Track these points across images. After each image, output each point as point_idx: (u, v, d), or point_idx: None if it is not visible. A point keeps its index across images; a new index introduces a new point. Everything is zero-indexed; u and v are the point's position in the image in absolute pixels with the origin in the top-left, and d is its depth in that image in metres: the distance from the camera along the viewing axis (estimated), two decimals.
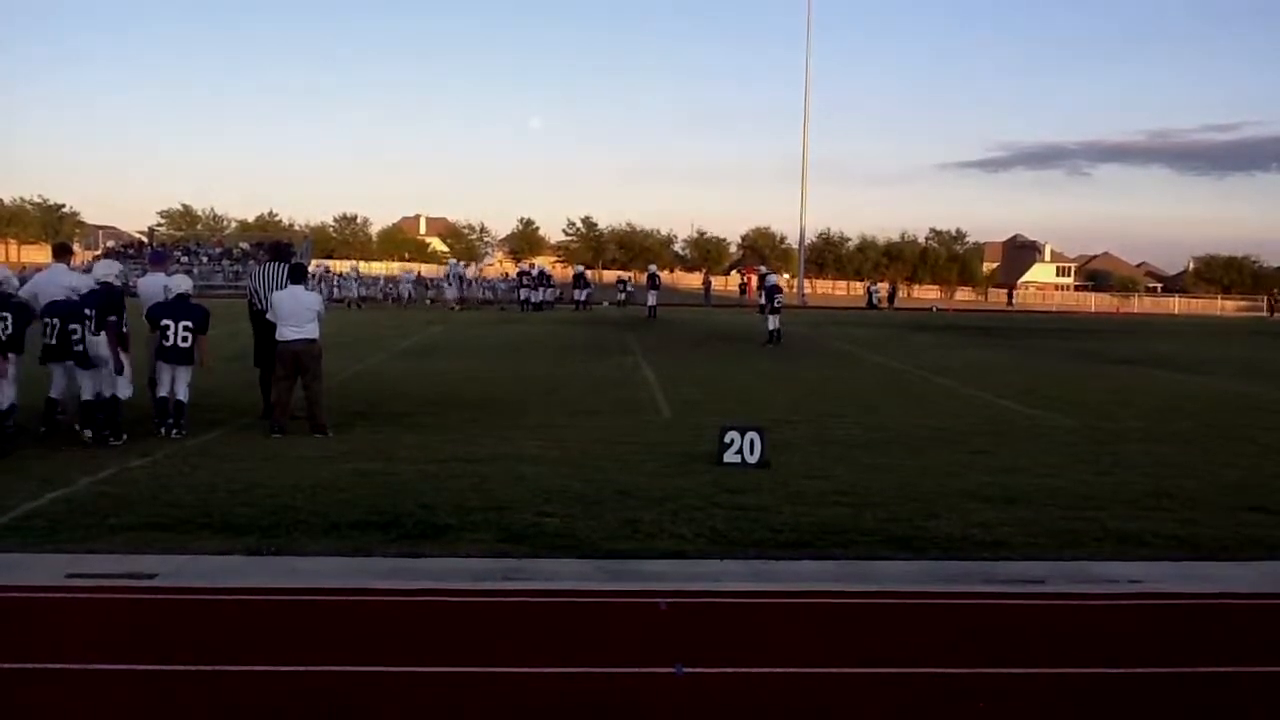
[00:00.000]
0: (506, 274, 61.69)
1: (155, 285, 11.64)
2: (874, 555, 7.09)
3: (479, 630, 5.59)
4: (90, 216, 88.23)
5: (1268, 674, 5.29)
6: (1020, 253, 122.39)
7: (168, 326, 10.85)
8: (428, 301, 48.12)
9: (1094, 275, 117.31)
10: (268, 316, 11.54)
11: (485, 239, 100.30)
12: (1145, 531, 7.81)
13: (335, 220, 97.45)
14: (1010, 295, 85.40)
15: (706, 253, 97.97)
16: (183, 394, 10.98)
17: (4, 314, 9.83)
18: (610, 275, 74.91)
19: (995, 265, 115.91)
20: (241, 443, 10.56)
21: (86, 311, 10.23)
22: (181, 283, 11.47)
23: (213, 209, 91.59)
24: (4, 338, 9.80)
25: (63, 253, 12.24)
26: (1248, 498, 9.04)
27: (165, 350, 10.86)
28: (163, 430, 10.67)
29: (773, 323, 27.48)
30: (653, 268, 48.58)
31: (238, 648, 5.21)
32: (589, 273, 55.39)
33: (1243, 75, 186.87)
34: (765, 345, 26.50)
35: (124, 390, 10.36)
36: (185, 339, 10.86)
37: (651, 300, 41.23)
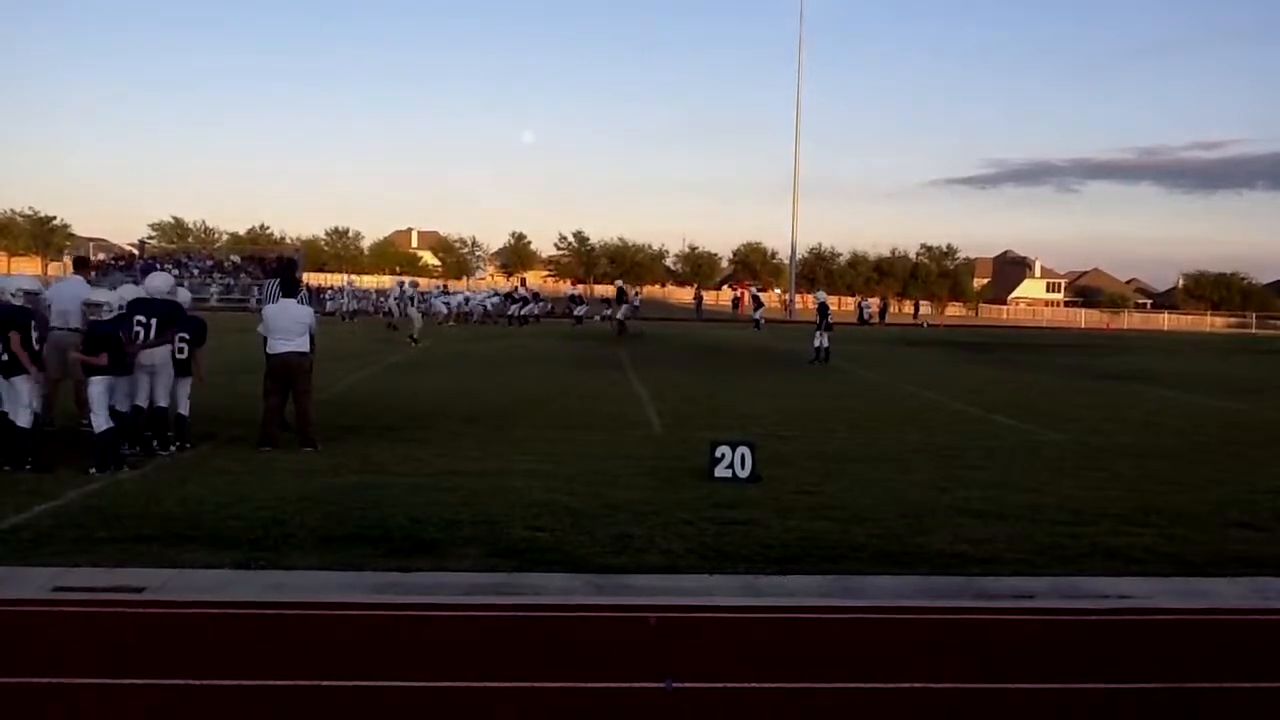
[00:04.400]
0: (495, 290, 62.01)
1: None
2: (864, 570, 7.09)
3: (468, 645, 5.57)
4: (81, 229, 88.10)
5: (1256, 689, 5.30)
6: (1010, 268, 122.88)
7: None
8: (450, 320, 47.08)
9: (1084, 291, 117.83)
10: (259, 330, 11.54)
11: (477, 253, 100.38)
12: (1134, 547, 7.83)
13: (327, 233, 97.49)
14: (915, 310, 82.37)
15: (698, 267, 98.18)
16: (184, 408, 11.00)
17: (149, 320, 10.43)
18: (600, 290, 75.13)
19: (986, 281, 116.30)
20: (231, 456, 10.52)
21: (140, 319, 10.47)
22: (171, 289, 11.50)
23: (204, 222, 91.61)
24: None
25: (82, 266, 12.60)
26: (1235, 513, 9.07)
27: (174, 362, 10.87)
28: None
29: (823, 340, 27.35)
30: (619, 283, 49.79)
31: (226, 662, 5.19)
32: (581, 288, 56.62)
33: (1231, 94, 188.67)
34: (814, 363, 26.44)
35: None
36: (181, 350, 10.88)
37: (620, 314, 41.21)
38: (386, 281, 67.09)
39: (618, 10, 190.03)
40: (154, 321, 10.60)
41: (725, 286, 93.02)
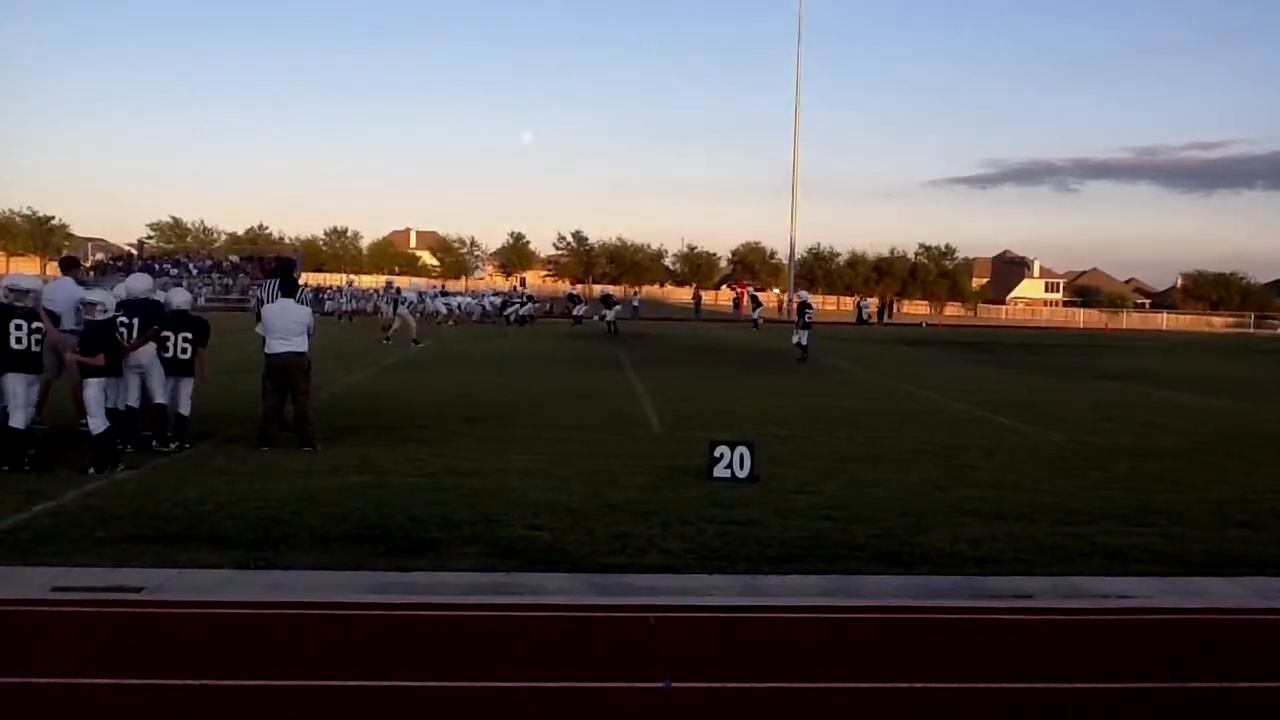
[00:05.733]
0: (493, 289, 62.75)
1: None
2: (863, 570, 7.08)
3: (468, 645, 5.57)
4: (80, 229, 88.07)
5: (1256, 689, 5.30)
6: (1009, 268, 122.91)
7: (167, 338, 10.88)
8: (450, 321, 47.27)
9: (1083, 291, 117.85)
10: (257, 329, 11.53)
11: (475, 253, 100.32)
12: (1134, 547, 7.83)
13: (326, 233, 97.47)
14: (891, 310, 78.57)
15: (697, 267, 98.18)
16: (185, 408, 11.01)
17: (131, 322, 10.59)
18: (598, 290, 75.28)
19: (984, 281, 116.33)
20: (230, 455, 10.51)
21: (123, 320, 10.46)
22: (176, 296, 11.54)
23: (202, 222, 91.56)
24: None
25: (72, 266, 12.43)
26: (1235, 513, 9.07)
27: (164, 362, 10.88)
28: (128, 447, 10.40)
29: (803, 338, 27.79)
30: (606, 290, 50.70)
31: (225, 662, 5.18)
32: (579, 288, 57.02)
33: (1229, 93, 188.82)
34: (804, 361, 26.90)
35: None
36: (185, 350, 10.92)
37: (611, 316, 41.78)
38: (399, 282, 67.03)
39: (616, 10, 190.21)
40: (135, 322, 10.61)
41: (724, 286, 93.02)
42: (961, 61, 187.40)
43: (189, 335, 11.00)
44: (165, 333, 10.90)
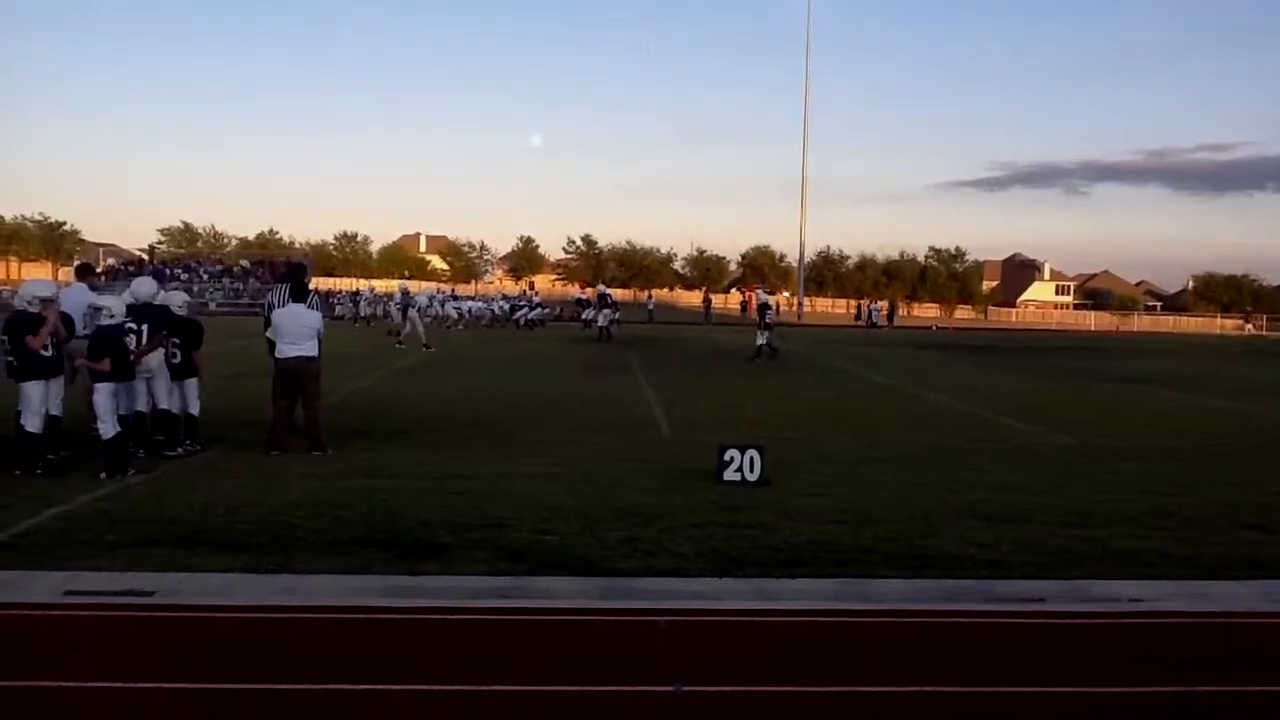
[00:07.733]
0: (502, 293, 63.02)
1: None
2: (873, 574, 7.07)
3: (477, 649, 5.57)
4: (91, 234, 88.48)
5: (1268, 693, 5.28)
6: (1020, 271, 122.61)
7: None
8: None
9: (1093, 294, 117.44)
10: (267, 334, 11.57)
11: (485, 257, 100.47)
12: (1145, 550, 7.80)
13: (336, 238, 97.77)
14: (871, 316, 68.57)
15: (706, 271, 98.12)
16: (194, 407, 11.05)
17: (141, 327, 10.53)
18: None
19: (995, 284, 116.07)
20: (240, 460, 10.55)
21: (131, 326, 10.45)
22: (172, 299, 11.57)
23: (213, 226, 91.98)
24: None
25: (86, 272, 12.50)
26: (1246, 516, 9.03)
27: (168, 365, 10.92)
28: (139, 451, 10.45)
29: (763, 338, 28.80)
30: (602, 287, 51.03)
31: (236, 666, 5.20)
32: (589, 292, 57.18)
33: (1239, 95, 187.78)
34: (753, 360, 27.71)
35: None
36: (175, 355, 10.93)
37: (602, 320, 40.83)
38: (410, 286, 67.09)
39: (626, 14, 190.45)
40: (145, 327, 10.62)
41: (733, 289, 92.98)
42: (970, 64, 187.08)
43: (177, 340, 10.99)
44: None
